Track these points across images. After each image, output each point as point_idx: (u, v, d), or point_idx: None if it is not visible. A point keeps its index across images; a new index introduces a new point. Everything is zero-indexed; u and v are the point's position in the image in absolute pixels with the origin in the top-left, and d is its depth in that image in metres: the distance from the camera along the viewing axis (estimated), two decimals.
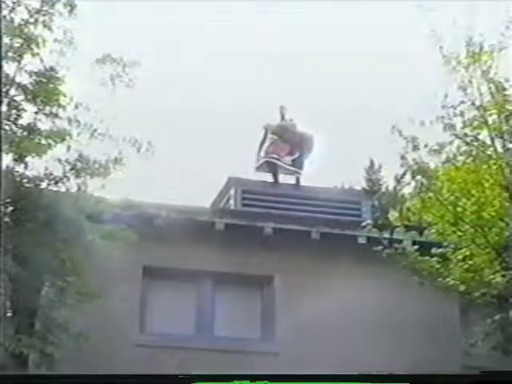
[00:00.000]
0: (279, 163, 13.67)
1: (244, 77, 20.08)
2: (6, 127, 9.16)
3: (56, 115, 9.38)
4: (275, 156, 13.66)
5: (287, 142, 13.83)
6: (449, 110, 10.44)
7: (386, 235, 11.22)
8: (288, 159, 13.74)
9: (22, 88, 9.29)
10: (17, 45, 9.22)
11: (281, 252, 11.58)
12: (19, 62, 9.26)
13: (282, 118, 14.05)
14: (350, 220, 12.52)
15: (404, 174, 11.32)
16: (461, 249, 10.32)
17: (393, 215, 11.71)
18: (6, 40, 9.16)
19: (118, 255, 9.42)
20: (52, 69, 9.38)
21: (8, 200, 9.03)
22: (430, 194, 10.75)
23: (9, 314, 8.89)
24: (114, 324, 10.62)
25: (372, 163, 24.81)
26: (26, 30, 9.24)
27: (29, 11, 9.32)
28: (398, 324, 11.40)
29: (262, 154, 13.77)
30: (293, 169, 13.80)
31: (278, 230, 11.62)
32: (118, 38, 9.88)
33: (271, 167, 13.71)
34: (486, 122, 10.38)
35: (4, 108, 9.16)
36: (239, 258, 11.50)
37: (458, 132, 10.51)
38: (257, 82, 20.23)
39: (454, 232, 10.47)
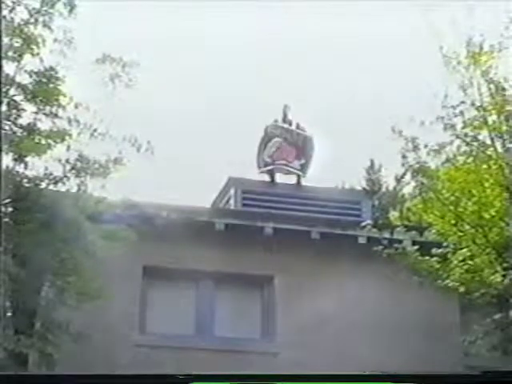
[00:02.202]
0: (288, 168, 13.67)
1: (244, 77, 20.06)
2: (6, 127, 9.16)
3: (56, 115, 9.38)
4: (284, 162, 13.65)
5: (292, 146, 13.81)
6: (449, 110, 10.44)
7: (386, 235, 11.23)
8: (297, 164, 13.73)
9: (22, 88, 9.28)
10: (17, 45, 9.21)
11: (281, 252, 11.58)
12: (19, 61, 9.26)
13: (285, 116, 14.04)
14: (350, 220, 12.52)
15: (404, 174, 11.33)
16: (461, 249, 10.32)
17: (393, 215, 11.72)
18: (5, 40, 9.15)
19: (117, 255, 9.42)
20: (52, 69, 9.38)
21: (8, 200, 9.02)
22: (431, 194, 10.75)
23: (9, 314, 8.89)
24: (113, 324, 10.62)
25: (372, 163, 24.77)
26: (26, 29, 9.24)
27: (29, 11, 9.31)
28: (398, 324, 11.40)
29: (268, 159, 13.73)
30: (301, 173, 13.79)
31: (278, 230, 11.62)
32: (118, 38, 9.88)
33: (277, 171, 13.72)
34: (485, 122, 10.38)
35: (4, 108, 9.16)
36: (239, 258, 11.50)
37: (458, 132, 10.51)
38: (257, 81, 20.22)
39: (454, 232, 10.47)
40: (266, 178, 13.91)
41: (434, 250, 10.47)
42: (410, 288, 10.65)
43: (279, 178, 13.94)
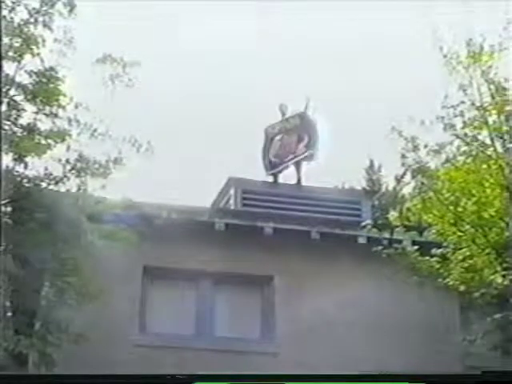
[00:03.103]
0: (296, 159, 13.66)
1: (244, 76, 20.07)
2: (6, 127, 9.16)
3: (56, 115, 9.38)
4: (291, 156, 13.65)
5: (292, 132, 13.80)
6: (449, 110, 10.44)
7: (386, 235, 11.22)
8: (301, 147, 13.70)
9: (22, 88, 9.28)
10: (17, 45, 9.21)
11: (281, 252, 11.57)
12: (19, 61, 9.26)
13: (283, 115, 14.04)
14: (350, 220, 12.51)
15: (404, 173, 11.32)
16: (461, 249, 10.32)
17: (393, 215, 11.69)
18: (5, 40, 9.15)
19: (117, 255, 9.42)
20: (52, 69, 9.38)
21: (8, 200, 9.02)
22: (430, 194, 10.75)
23: (9, 314, 8.89)
24: (113, 324, 10.62)
25: (372, 163, 24.77)
26: (25, 29, 9.24)
27: (29, 11, 9.31)
28: (398, 324, 11.39)
29: (276, 159, 13.72)
30: (309, 154, 13.72)
31: (278, 230, 11.61)
32: (118, 38, 9.88)
33: (287, 168, 13.73)
34: (486, 122, 10.37)
35: (4, 108, 9.16)
36: (239, 258, 11.50)
37: (458, 132, 10.51)
38: (257, 81, 20.23)
39: (454, 232, 10.47)
40: (267, 178, 13.90)
41: (433, 250, 10.47)
42: (410, 288, 10.65)
43: (282, 176, 13.94)
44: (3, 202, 8.94)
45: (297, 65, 20.28)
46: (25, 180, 9.31)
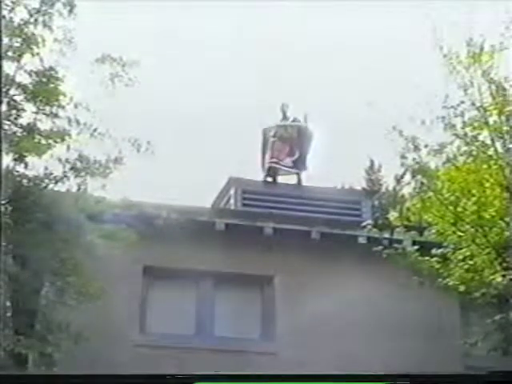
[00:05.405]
0: (278, 166, 13.67)
1: (244, 76, 20.08)
2: (6, 127, 9.16)
3: (56, 115, 9.38)
4: (274, 160, 13.65)
5: (286, 142, 13.81)
6: (449, 110, 10.43)
7: (386, 235, 11.22)
8: (288, 161, 13.72)
9: (22, 88, 9.29)
10: (16, 44, 9.21)
11: (281, 252, 11.58)
12: (19, 61, 9.26)
13: (284, 115, 14.03)
14: (350, 220, 12.51)
15: (404, 173, 11.31)
16: (461, 249, 10.31)
17: (393, 215, 11.70)
18: (5, 40, 9.15)
19: (117, 255, 9.42)
20: (52, 69, 9.38)
21: (8, 200, 9.02)
22: (430, 194, 10.74)
23: (9, 314, 8.88)
24: (113, 324, 10.61)
25: (372, 163, 24.78)
26: (25, 29, 9.23)
27: (28, 11, 9.31)
28: (398, 324, 11.39)
29: (267, 159, 13.76)
30: (294, 170, 13.77)
31: (278, 229, 11.62)
32: (118, 38, 9.88)
33: (273, 172, 13.72)
34: (486, 122, 10.37)
35: (4, 108, 9.16)
36: (239, 258, 11.50)
37: (459, 132, 10.50)
38: (257, 80, 20.23)
39: (454, 232, 10.46)
40: (267, 178, 13.89)
41: (434, 250, 10.46)
42: (410, 288, 10.65)
43: (281, 178, 13.93)
44: (3, 202, 8.93)
45: (296, 64, 20.29)
46: (25, 180, 9.30)
